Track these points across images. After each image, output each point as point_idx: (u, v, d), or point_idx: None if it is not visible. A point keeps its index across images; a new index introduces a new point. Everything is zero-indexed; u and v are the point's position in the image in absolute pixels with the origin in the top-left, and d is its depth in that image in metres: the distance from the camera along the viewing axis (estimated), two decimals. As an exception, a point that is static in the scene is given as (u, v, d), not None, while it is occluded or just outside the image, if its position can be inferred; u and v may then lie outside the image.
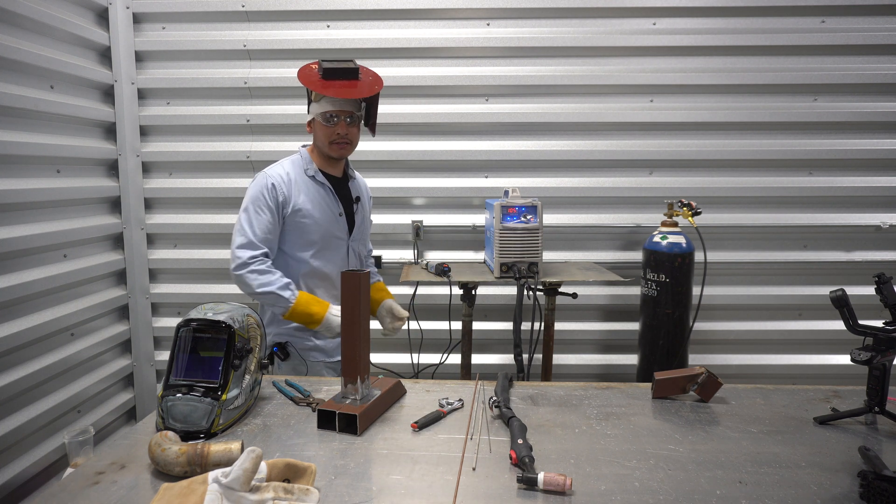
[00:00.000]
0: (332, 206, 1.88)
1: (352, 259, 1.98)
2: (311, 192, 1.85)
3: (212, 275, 2.93)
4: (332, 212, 1.88)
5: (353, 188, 1.98)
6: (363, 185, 2.07)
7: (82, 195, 2.53)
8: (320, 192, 1.86)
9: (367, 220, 2.05)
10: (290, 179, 1.83)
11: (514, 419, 1.21)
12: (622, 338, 2.92)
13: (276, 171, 1.84)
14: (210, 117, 2.83)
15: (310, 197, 1.84)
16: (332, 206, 1.88)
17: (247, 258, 1.76)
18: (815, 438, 1.24)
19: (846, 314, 1.32)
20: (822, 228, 2.85)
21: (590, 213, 2.90)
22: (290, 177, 1.84)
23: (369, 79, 1.85)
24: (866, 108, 2.79)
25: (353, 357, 1.30)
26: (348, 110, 1.80)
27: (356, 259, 2.01)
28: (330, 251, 1.90)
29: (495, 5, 2.76)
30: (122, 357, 2.83)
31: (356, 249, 1.99)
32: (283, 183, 1.81)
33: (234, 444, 1.05)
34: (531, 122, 2.84)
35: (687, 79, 2.79)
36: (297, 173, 1.86)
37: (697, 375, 1.44)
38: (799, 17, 2.75)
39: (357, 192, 1.99)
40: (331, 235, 1.88)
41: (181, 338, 1.28)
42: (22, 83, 2.18)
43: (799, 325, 2.91)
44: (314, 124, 1.85)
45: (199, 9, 2.77)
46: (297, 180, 1.84)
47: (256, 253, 1.77)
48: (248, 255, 1.76)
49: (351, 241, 1.95)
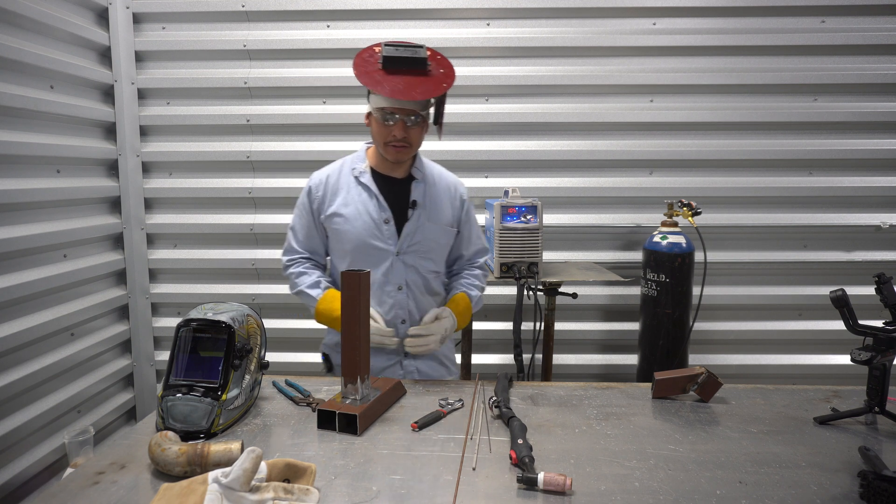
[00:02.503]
0: (375, 211, 1.62)
1: (397, 274, 1.64)
2: (351, 194, 1.65)
3: (212, 275, 2.93)
4: (372, 218, 1.62)
5: (416, 191, 1.66)
6: (442, 186, 1.71)
7: (82, 195, 2.53)
8: (362, 195, 1.64)
9: (430, 229, 1.66)
10: (330, 181, 1.67)
11: (514, 419, 1.21)
12: (622, 338, 2.92)
13: (320, 173, 1.70)
14: (210, 117, 2.83)
15: (348, 200, 1.64)
16: (374, 211, 1.62)
17: (286, 261, 1.74)
18: (815, 438, 1.24)
19: (846, 314, 1.32)
20: (822, 228, 2.85)
21: (590, 213, 2.90)
22: (333, 178, 1.68)
23: (440, 72, 1.53)
24: (866, 108, 2.79)
25: (353, 357, 1.30)
26: (410, 109, 1.52)
27: (408, 274, 1.65)
28: (367, 263, 1.60)
29: (495, 5, 2.76)
30: (122, 357, 2.83)
31: (411, 264, 1.65)
32: (320, 185, 1.67)
33: (234, 444, 1.05)
34: (531, 122, 2.83)
35: (687, 79, 2.79)
36: (345, 174, 1.68)
37: (697, 375, 1.44)
38: (799, 17, 2.75)
39: (419, 196, 1.66)
40: (366, 245, 1.62)
41: (181, 338, 1.28)
42: (22, 83, 2.18)
43: (799, 325, 2.90)
44: (371, 118, 1.60)
45: (199, 9, 2.77)
46: (340, 181, 1.67)
47: (294, 256, 1.73)
48: (287, 259, 1.74)
49: (400, 254, 1.64)
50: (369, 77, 1.49)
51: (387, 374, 1.69)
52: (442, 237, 1.71)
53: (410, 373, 1.71)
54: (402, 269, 1.65)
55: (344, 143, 2.82)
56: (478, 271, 1.84)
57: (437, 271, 1.74)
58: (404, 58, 1.49)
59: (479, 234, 1.85)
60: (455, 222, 1.73)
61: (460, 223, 1.76)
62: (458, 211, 1.74)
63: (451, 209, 1.71)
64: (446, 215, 1.70)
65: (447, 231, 1.71)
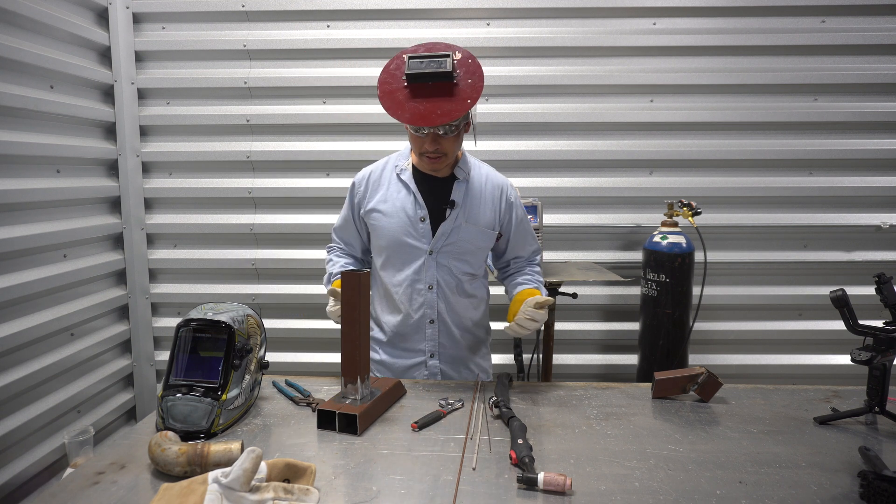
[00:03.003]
0: (411, 208, 1.63)
1: (429, 273, 1.64)
2: (390, 191, 1.66)
3: (212, 275, 2.93)
4: (407, 215, 1.62)
5: (457, 191, 1.64)
6: (488, 188, 1.68)
7: (82, 195, 2.53)
8: (401, 192, 1.65)
9: (467, 230, 1.64)
10: (372, 177, 1.70)
11: (514, 419, 1.21)
12: (622, 338, 2.92)
13: (365, 169, 1.73)
14: (210, 117, 2.83)
15: (387, 196, 1.66)
16: (410, 208, 1.63)
17: (327, 248, 1.85)
18: (815, 438, 1.24)
19: (846, 314, 1.32)
20: (822, 228, 2.85)
21: (590, 213, 2.90)
22: (375, 174, 1.70)
23: (468, 82, 1.46)
24: (866, 108, 2.79)
25: (353, 357, 1.30)
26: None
27: (440, 274, 1.64)
28: (401, 260, 1.64)
29: (495, 5, 2.76)
30: (122, 357, 2.83)
31: (444, 264, 1.64)
32: (363, 180, 1.70)
33: (234, 444, 1.05)
34: (531, 122, 2.83)
35: (687, 79, 2.79)
36: (388, 170, 1.70)
37: (697, 375, 1.45)
38: (799, 17, 2.75)
39: (459, 196, 1.63)
40: (400, 242, 1.63)
41: (181, 338, 1.28)
42: (22, 83, 2.18)
43: (799, 325, 2.90)
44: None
45: (199, 9, 2.77)
46: (383, 178, 1.69)
47: (333, 245, 1.84)
48: (328, 247, 1.85)
49: (435, 254, 1.63)
50: (392, 99, 1.48)
51: (411, 373, 1.73)
52: (480, 239, 1.67)
53: (434, 374, 1.73)
54: (434, 269, 1.64)
55: (344, 143, 2.82)
56: (538, 268, 1.84)
57: (472, 273, 1.71)
58: (428, 73, 1.45)
59: (534, 235, 1.84)
60: (497, 224, 1.70)
61: (506, 224, 1.73)
62: (503, 213, 1.70)
63: (493, 212, 1.68)
64: (487, 217, 1.67)
65: (486, 233, 1.68)
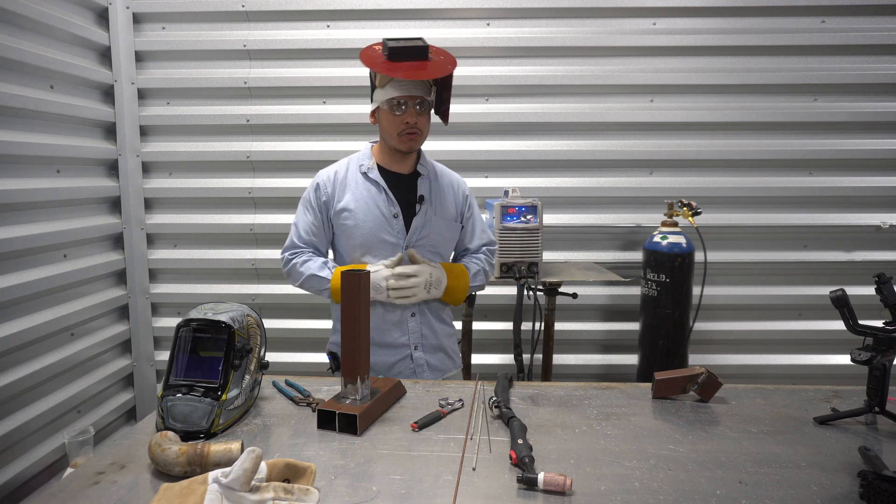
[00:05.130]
0: (384, 206, 1.68)
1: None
2: (359, 190, 1.69)
3: (212, 275, 2.93)
4: (381, 212, 1.68)
5: (422, 186, 1.73)
6: (445, 182, 1.78)
7: (82, 195, 2.53)
8: (371, 190, 1.69)
9: (437, 223, 1.73)
10: (338, 178, 1.72)
11: (514, 419, 1.21)
12: (622, 338, 2.92)
13: (327, 170, 1.74)
14: (210, 117, 2.83)
15: (356, 196, 1.69)
16: (383, 206, 1.68)
17: (287, 256, 1.75)
18: (815, 438, 1.24)
19: (846, 314, 1.32)
20: (822, 228, 2.85)
21: (590, 213, 2.90)
22: (340, 175, 1.72)
23: (441, 58, 1.61)
24: (866, 108, 2.79)
25: (353, 357, 1.30)
26: (418, 95, 1.59)
27: None
28: (376, 258, 1.69)
29: (495, 5, 2.76)
30: (122, 357, 2.83)
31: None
32: (328, 182, 1.71)
33: (234, 444, 1.05)
34: (531, 122, 2.84)
35: (687, 79, 2.79)
36: (352, 171, 1.72)
37: (697, 375, 1.44)
38: (799, 17, 2.75)
39: (426, 191, 1.72)
40: (377, 239, 1.67)
41: (181, 338, 1.27)
42: (22, 83, 2.18)
43: (799, 325, 2.91)
44: (379, 114, 1.65)
45: (199, 9, 2.77)
46: (348, 178, 1.71)
47: (295, 250, 1.75)
48: (288, 254, 1.75)
49: (409, 248, 1.69)
50: (381, 64, 1.56)
51: (397, 368, 1.74)
52: (448, 232, 1.78)
53: (420, 366, 1.74)
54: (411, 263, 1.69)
55: (344, 143, 2.82)
56: (481, 255, 1.87)
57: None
58: (408, 47, 1.56)
59: (485, 229, 1.90)
60: (458, 217, 1.80)
61: (466, 217, 1.83)
62: (462, 206, 1.81)
63: (454, 205, 1.79)
64: (450, 211, 1.77)
65: (453, 226, 1.79)
